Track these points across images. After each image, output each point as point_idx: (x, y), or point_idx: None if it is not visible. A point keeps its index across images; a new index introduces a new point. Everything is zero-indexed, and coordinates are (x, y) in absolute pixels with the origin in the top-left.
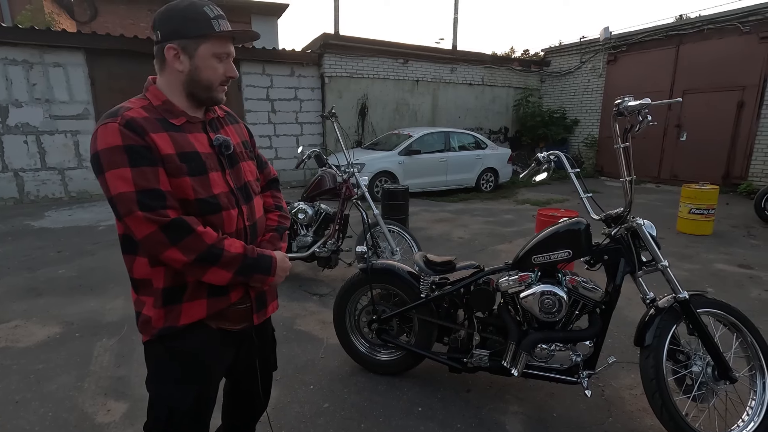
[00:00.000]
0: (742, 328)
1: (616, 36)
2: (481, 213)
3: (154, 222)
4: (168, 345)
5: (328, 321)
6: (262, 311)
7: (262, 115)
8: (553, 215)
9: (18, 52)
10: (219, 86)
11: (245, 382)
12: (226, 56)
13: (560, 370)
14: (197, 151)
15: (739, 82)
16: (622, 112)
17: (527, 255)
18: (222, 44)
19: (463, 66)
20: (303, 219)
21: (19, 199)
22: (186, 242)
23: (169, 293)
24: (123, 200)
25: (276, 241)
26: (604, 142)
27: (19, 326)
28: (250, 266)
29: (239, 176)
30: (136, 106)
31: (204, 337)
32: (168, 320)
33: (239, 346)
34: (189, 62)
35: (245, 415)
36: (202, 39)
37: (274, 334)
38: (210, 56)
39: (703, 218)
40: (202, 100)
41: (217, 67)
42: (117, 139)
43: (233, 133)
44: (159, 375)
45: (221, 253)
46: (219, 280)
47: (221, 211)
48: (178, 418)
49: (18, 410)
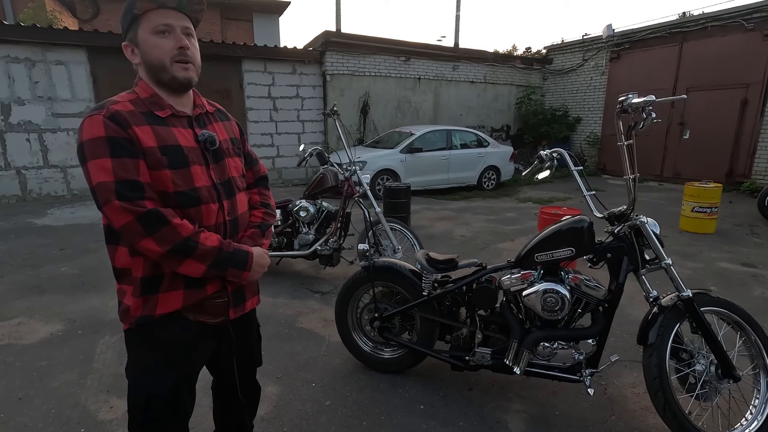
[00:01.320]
0: (746, 327)
1: (619, 33)
2: (483, 211)
3: (130, 212)
4: (145, 334)
5: (329, 319)
6: (240, 306)
7: (264, 113)
8: (556, 213)
9: (20, 50)
10: (174, 63)
11: (229, 377)
12: (166, 28)
13: (563, 369)
14: (180, 145)
15: (743, 79)
16: (625, 110)
17: (530, 253)
18: (154, 18)
19: (465, 64)
20: (305, 217)
21: (21, 196)
22: (161, 233)
23: (147, 283)
24: (102, 189)
25: (257, 237)
26: (607, 140)
27: (22, 323)
28: (225, 260)
29: (223, 171)
30: (123, 99)
31: (181, 328)
32: (145, 309)
33: (221, 339)
34: (139, 51)
35: (232, 413)
36: (135, 23)
37: (259, 330)
38: (148, 35)
39: (706, 216)
40: (168, 83)
41: (160, 43)
42: (100, 131)
43: (221, 129)
44: (137, 363)
45: (196, 246)
46: (193, 272)
47: (200, 205)
48: (156, 404)
49: (21, 407)
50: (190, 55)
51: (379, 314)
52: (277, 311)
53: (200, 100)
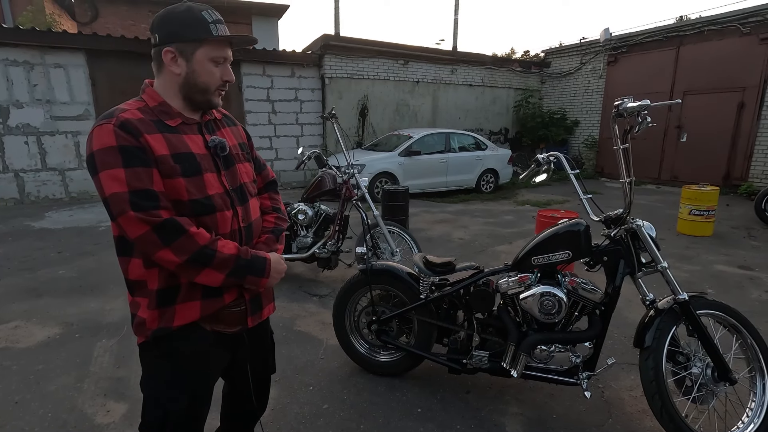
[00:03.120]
0: (742, 330)
1: (616, 37)
2: (481, 214)
3: (146, 222)
4: (162, 347)
5: (327, 322)
6: (258, 314)
7: (263, 116)
8: (553, 216)
9: (19, 53)
10: (216, 90)
11: (243, 384)
12: (223, 60)
13: (560, 372)
14: (192, 152)
15: (740, 83)
16: (621, 114)
17: (527, 256)
18: (219, 48)
19: (464, 67)
20: (303, 220)
21: (19, 199)
22: (178, 243)
23: (162, 295)
24: (116, 200)
25: (272, 242)
26: (605, 143)
27: (19, 327)
28: (244, 267)
29: (235, 178)
30: (132, 107)
31: (198, 339)
32: (162, 322)
33: (236, 348)
34: (186, 66)
35: (243, 418)
36: (199, 43)
37: (272, 337)
38: (207, 60)
39: (704, 219)
40: (199, 103)
41: (214, 71)
42: (111, 140)
43: (230, 135)
44: (153, 376)
45: (214, 254)
46: (212, 281)
47: (215, 212)
48: (173, 419)
49: (18, 411)
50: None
51: (376, 317)
52: (274, 314)
53: None
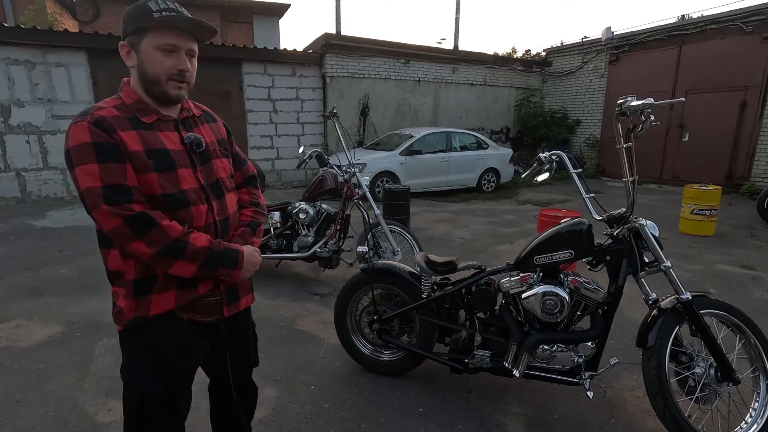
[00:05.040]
0: (745, 330)
1: (618, 36)
2: (483, 213)
3: (119, 216)
4: (140, 334)
5: (329, 321)
6: (234, 304)
7: (264, 115)
8: (555, 216)
9: (20, 52)
10: (169, 81)
11: (224, 377)
12: (172, 48)
13: (562, 371)
14: (166, 149)
15: (742, 82)
16: (624, 112)
17: (529, 255)
18: (164, 36)
19: (465, 66)
20: (304, 219)
21: (21, 198)
22: (150, 235)
23: (139, 285)
24: (90, 195)
25: (248, 236)
26: (606, 142)
27: (20, 326)
28: (216, 259)
29: (211, 173)
30: (108, 105)
31: (175, 328)
32: (138, 311)
33: (215, 339)
34: (136, 57)
35: (230, 416)
36: (143, 33)
37: (254, 330)
38: (153, 49)
39: (706, 219)
40: (156, 96)
41: (161, 60)
42: (86, 137)
43: (208, 131)
44: (131, 364)
45: (185, 247)
46: (184, 272)
47: (189, 206)
48: (150, 405)
49: (19, 410)
50: (187, 77)
51: (378, 316)
52: (276, 313)
53: (187, 103)
